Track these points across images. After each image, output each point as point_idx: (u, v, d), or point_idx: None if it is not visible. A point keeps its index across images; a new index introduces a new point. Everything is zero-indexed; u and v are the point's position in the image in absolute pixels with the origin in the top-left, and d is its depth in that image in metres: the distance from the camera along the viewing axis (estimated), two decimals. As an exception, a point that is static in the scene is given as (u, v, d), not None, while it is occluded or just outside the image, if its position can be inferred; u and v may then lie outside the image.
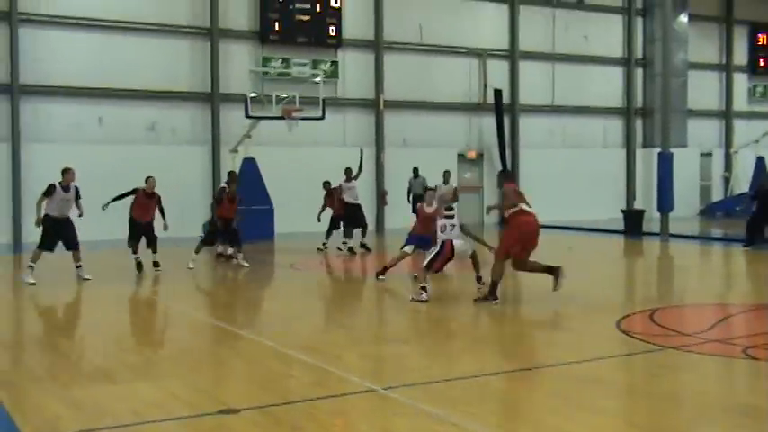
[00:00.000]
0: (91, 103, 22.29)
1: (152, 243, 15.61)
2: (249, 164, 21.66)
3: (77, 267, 14.41)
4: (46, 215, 14.15)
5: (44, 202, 14.13)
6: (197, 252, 16.20)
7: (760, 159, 30.08)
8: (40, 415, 6.47)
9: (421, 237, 13.82)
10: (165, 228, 15.55)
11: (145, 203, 15.59)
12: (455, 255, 12.27)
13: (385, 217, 25.01)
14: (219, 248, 17.29)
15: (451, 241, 12.13)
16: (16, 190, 21.26)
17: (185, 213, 21.37)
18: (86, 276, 14.29)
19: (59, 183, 14.30)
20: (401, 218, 21.54)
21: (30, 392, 7.17)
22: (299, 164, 23.90)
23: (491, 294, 11.38)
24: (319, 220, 19.14)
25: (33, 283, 13.70)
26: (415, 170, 22.15)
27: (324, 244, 18.92)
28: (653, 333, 9.59)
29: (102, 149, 22.11)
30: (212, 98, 23.60)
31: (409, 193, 22.12)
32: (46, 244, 14.27)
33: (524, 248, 11.53)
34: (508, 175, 12.60)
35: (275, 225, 21.83)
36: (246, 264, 16.13)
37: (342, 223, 19.06)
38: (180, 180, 21.64)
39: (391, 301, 13.15)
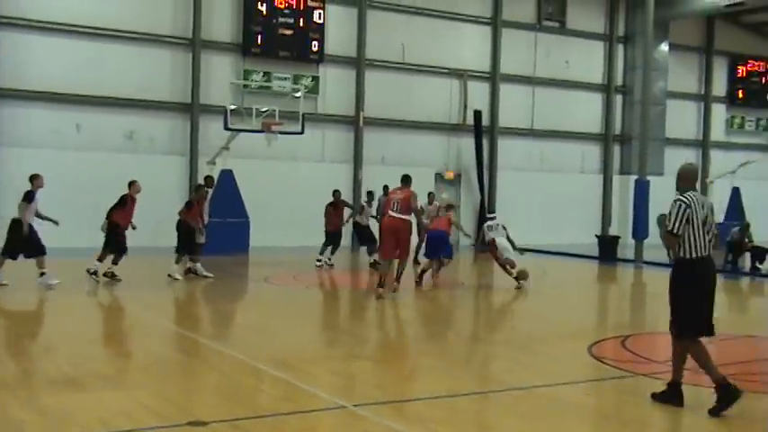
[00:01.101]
0: (70, 109, 22.14)
1: (123, 253, 15.42)
2: (227, 176, 21.61)
3: (42, 275, 14.23)
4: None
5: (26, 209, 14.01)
6: (177, 262, 16.04)
7: (736, 190, 30.40)
8: (5, 421, 6.39)
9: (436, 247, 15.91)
10: (134, 227, 15.53)
11: (131, 209, 15.47)
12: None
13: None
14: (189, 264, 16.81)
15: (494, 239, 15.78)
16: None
17: (161, 223, 21.28)
18: (53, 282, 14.14)
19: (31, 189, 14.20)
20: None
21: (-4, 399, 7.09)
22: (277, 178, 23.88)
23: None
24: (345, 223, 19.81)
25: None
26: (386, 188, 21.55)
27: (319, 260, 18.96)
28: (624, 359, 9.64)
29: (80, 156, 21.97)
30: (192, 108, 23.54)
31: (378, 210, 21.71)
32: (13, 251, 14.13)
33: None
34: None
35: (250, 238, 21.77)
36: (210, 274, 16.01)
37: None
38: (156, 189, 21.46)
39: (364, 317, 13.13)
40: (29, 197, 14.25)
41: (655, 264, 20.87)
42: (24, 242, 14.21)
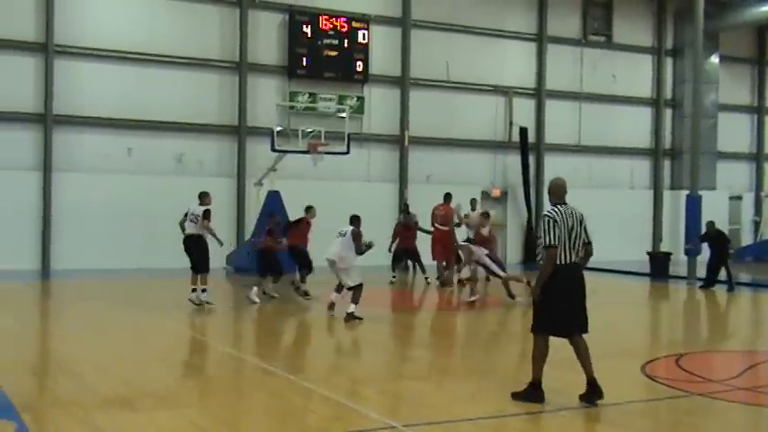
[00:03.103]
0: (121, 134, 22.56)
1: (310, 270, 16.72)
2: (274, 197, 21.75)
3: (204, 291, 14.97)
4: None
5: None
6: (258, 285, 16.00)
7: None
8: (60, 443, 6.48)
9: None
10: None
11: (306, 231, 16.79)
12: None
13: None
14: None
15: None
16: (47, 218, 21.50)
17: (210, 245, 21.50)
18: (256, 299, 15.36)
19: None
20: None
21: (53, 417, 7.20)
22: (323, 198, 23.78)
23: None
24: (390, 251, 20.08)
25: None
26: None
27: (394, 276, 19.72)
28: (679, 378, 9.44)
29: (131, 180, 22.34)
30: (239, 131, 23.81)
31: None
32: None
33: None
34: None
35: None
36: (257, 299, 15.93)
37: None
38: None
39: (414, 337, 13.09)
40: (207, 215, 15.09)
41: (721, 282, 20.42)
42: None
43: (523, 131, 27.66)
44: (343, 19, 24.80)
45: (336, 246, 13.65)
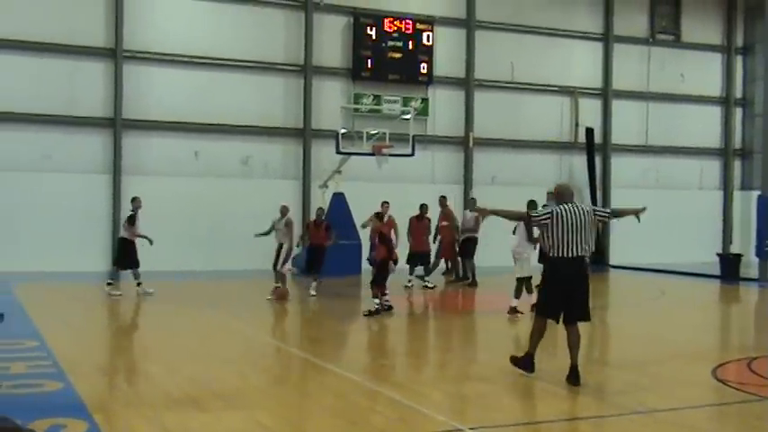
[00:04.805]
0: (188, 137, 22.95)
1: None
2: (338, 199, 21.89)
3: (139, 285, 16.23)
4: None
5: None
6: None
7: None
8: (132, 440, 6.62)
9: None
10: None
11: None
12: None
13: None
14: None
15: None
16: (116, 220, 21.97)
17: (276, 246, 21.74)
18: (150, 290, 16.11)
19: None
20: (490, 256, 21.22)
21: (124, 417, 7.36)
22: (388, 200, 24.00)
23: None
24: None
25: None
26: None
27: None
28: (750, 383, 9.24)
29: (198, 182, 22.71)
30: (304, 134, 24.02)
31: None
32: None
33: None
34: None
35: (362, 260, 21.94)
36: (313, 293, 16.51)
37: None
38: (272, 214, 22.01)
39: (477, 339, 13.04)
40: (132, 219, 16.49)
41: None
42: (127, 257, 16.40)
43: (590, 132, 27.33)
44: (407, 21, 24.83)
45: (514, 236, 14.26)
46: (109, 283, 16.46)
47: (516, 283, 14.12)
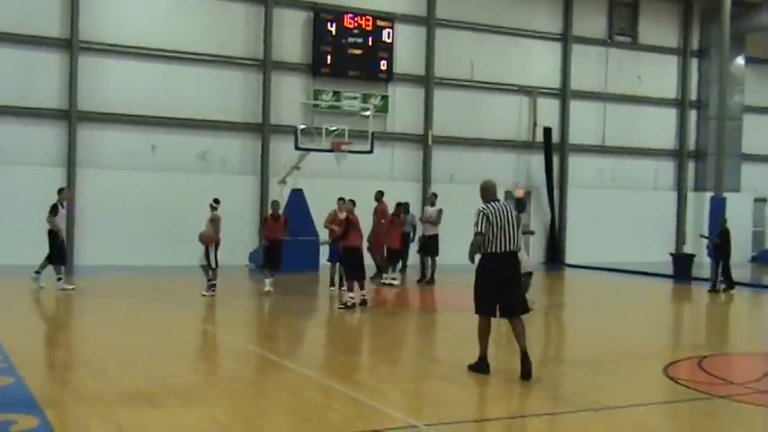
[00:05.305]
0: (145, 130, 22.69)
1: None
2: (297, 195, 21.81)
3: (59, 280, 16.05)
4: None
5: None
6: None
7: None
8: (84, 437, 6.53)
9: None
10: None
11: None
12: None
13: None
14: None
15: None
16: (70, 214, 21.61)
17: (234, 242, 21.60)
18: (68, 287, 15.92)
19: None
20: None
21: (76, 412, 7.26)
22: (347, 196, 23.96)
23: None
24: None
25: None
26: (406, 205, 20.43)
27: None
28: (701, 381, 9.40)
29: (155, 176, 22.48)
30: (263, 129, 23.89)
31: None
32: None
33: None
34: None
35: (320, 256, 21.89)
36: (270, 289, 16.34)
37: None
38: (229, 209, 21.86)
39: (434, 336, 13.09)
40: (54, 210, 16.23)
41: (737, 283, 20.30)
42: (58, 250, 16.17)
43: (548, 132, 27.58)
44: (367, 17, 24.82)
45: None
46: (59, 279, 16.20)
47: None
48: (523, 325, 9.08)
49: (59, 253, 16.34)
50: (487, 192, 9.40)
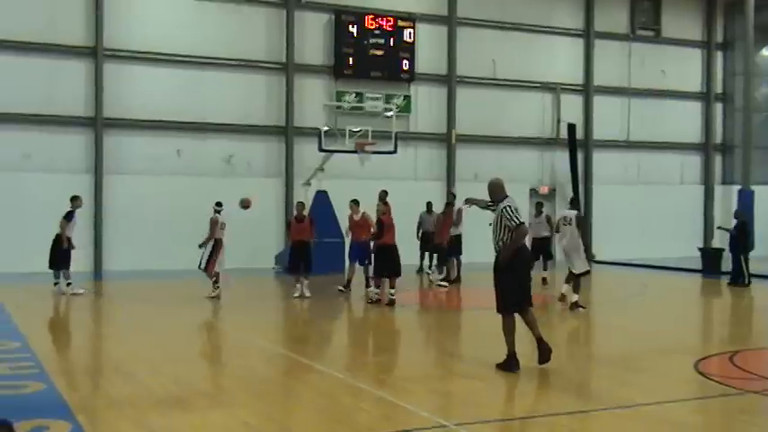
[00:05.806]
0: (170, 135, 22.86)
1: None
2: (321, 196, 21.85)
3: (68, 285, 16.25)
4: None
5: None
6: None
7: None
8: (116, 441, 6.58)
9: None
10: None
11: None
12: None
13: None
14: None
15: None
16: (98, 220, 21.86)
17: (259, 244, 21.71)
18: (79, 291, 16.12)
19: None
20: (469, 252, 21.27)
21: (107, 418, 7.32)
22: (371, 197, 23.91)
23: None
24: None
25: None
26: (429, 204, 21.13)
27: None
28: (732, 376, 9.31)
29: (180, 181, 22.63)
30: (287, 131, 23.98)
31: (419, 229, 21.38)
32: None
33: None
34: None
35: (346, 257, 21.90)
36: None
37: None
38: (254, 212, 21.96)
39: (463, 335, 13.06)
40: (69, 216, 16.38)
41: (760, 276, 20.10)
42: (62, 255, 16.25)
43: (571, 128, 27.44)
44: (388, 18, 24.84)
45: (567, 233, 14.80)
46: (68, 284, 16.36)
47: (575, 279, 14.56)
48: (533, 314, 9.35)
49: (64, 257, 16.44)
50: (500, 189, 9.54)
